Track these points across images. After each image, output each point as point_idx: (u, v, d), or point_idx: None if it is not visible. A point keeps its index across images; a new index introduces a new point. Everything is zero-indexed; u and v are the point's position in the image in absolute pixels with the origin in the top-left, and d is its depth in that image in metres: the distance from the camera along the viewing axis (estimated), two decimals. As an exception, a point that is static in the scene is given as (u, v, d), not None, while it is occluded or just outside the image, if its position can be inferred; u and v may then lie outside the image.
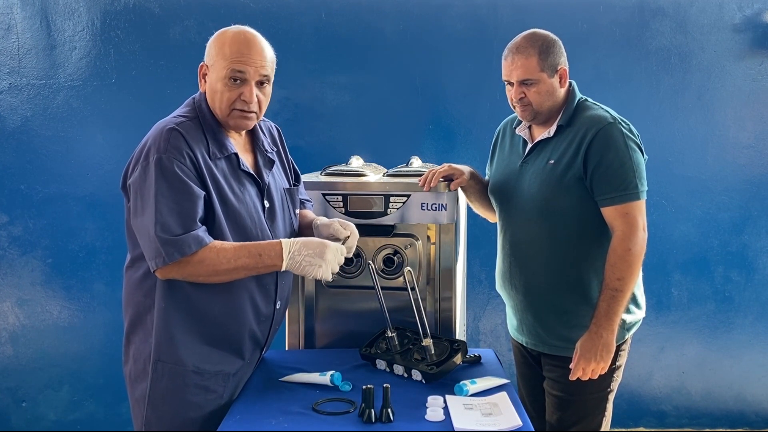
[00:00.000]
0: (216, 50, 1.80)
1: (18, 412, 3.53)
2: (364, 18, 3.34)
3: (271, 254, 1.77)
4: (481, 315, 3.49)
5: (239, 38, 1.80)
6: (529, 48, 2.05)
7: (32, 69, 3.35)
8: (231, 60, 1.78)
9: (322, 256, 1.78)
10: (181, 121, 1.78)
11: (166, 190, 1.69)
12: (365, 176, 2.36)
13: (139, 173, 1.73)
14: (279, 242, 1.78)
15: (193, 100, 1.89)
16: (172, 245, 1.68)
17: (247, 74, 1.79)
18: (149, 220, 1.69)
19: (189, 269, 1.72)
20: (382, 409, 1.70)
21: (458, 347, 2.00)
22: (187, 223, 1.70)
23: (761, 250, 3.47)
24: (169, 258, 1.68)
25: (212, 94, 1.83)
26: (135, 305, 1.85)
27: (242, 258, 1.74)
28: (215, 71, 1.80)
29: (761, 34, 3.33)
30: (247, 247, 1.77)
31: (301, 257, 1.78)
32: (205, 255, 1.71)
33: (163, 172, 1.70)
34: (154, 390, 1.80)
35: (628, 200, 2.01)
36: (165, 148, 1.72)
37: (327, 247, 1.80)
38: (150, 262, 1.72)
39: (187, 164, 1.73)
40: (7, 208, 3.42)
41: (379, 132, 3.38)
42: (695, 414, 3.58)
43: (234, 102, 1.81)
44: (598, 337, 1.99)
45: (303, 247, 1.78)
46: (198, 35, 3.28)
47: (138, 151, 1.78)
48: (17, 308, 3.47)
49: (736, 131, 3.40)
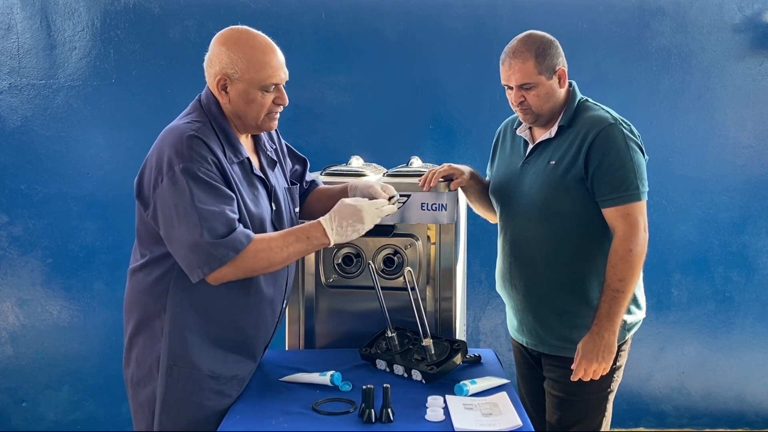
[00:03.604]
0: (245, 63, 1.79)
1: (18, 412, 3.53)
2: (364, 18, 3.34)
3: (317, 234, 1.81)
4: (481, 315, 3.49)
5: (264, 47, 1.82)
6: (525, 52, 2.05)
7: (32, 69, 3.35)
8: (268, 73, 1.80)
9: (362, 219, 1.84)
10: (197, 127, 1.77)
11: (203, 197, 1.70)
12: (365, 176, 2.36)
13: (167, 185, 1.70)
14: (319, 221, 1.83)
15: (200, 103, 1.87)
16: (224, 246, 1.69)
17: (281, 82, 1.84)
18: (192, 228, 1.68)
19: (247, 265, 1.74)
20: (382, 409, 1.70)
21: (458, 347, 2.00)
22: (231, 223, 1.72)
23: (761, 250, 3.47)
24: (224, 259, 1.69)
25: (244, 104, 1.82)
26: (141, 309, 1.84)
27: (292, 244, 1.79)
28: (246, 83, 1.80)
29: (761, 34, 3.33)
30: (294, 232, 1.82)
31: (343, 227, 1.83)
32: (258, 248, 1.74)
33: (194, 180, 1.70)
34: (169, 394, 1.80)
35: (629, 201, 2.01)
36: (190, 156, 1.71)
37: (362, 209, 1.85)
38: (196, 270, 1.71)
39: (213, 170, 1.74)
40: (7, 208, 3.42)
41: (379, 132, 3.38)
42: (695, 414, 3.58)
43: (268, 107, 1.84)
44: (600, 338, 1.99)
45: (340, 217, 1.83)
46: (198, 35, 3.28)
47: (155, 160, 1.75)
48: (17, 308, 3.47)
49: (736, 131, 3.40)
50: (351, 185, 2.11)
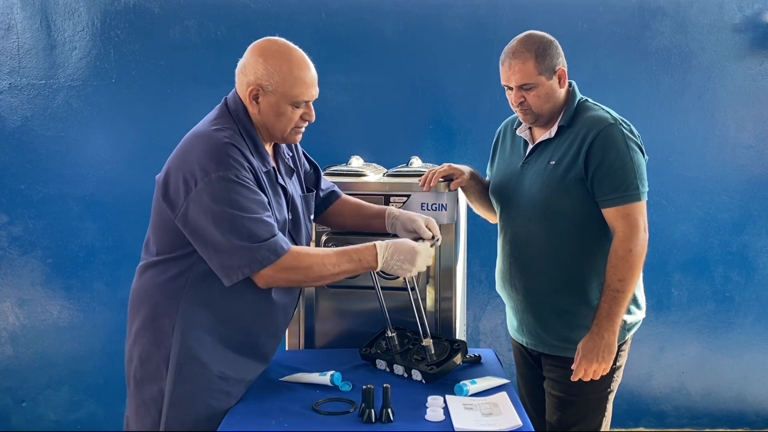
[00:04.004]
0: (280, 77, 1.80)
1: (18, 412, 3.53)
2: (364, 18, 3.34)
3: (368, 258, 1.84)
4: (481, 315, 3.49)
5: (300, 63, 1.84)
6: (525, 52, 2.05)
7: (32, 69, 3.35)
8: (301, 90, 1.82)
9: (413, 262, 1.86)
10: (231, 134, 1.78)
11: (243, 203, 1.71)
12: (365, 176, 2.36)
13: (204, 190, 1.70)
14: (374, 245, 1.85)
15: (228, 109, 1.87)
16: (266, 249, 1.72)
17: (312, 99, 1.87)
18: (233, 233, 1.70)
19: (298, 276, 1.79)
20: (382, 409, 1.70)
21: (458, 347, 2.00)
22: (272, 229, 1.75)
23: (761, 250, 3.47)
24: (265, 262, 1.72)
25: (274, 116, 1.84)
26: (150, 306, 1.84)
27: (344, 264, 1.83)
28: (278, 96, 1.82)
29: (761, 34, 3.33)
30: (347, 252, 1.84)
31: (394, 261, 1.85)
32: (312, 262, 1.80)
33: (234, 186, 1.71)
34: (177, 393, 1.80)
35: (629, 201, 2.01)
36: (228, 163, 1.72)
37: (418, 254, 1.87)
38: (236, 271, 1.72)
39: (250, 177, 1.76)
40: (7, 208, 3.41)
41: (379, 132, 3.38)
42: (695, 414, 3.58)
43: (296, 122, 1.87)
44: (600, 338, 1.99)
45: (396, 251, 1.86)
46: (198, 35, 3.28)
47: (186, 165, 1.75)
48: (17, 308, 3.47)
49: (736, 131, 3.40)
50: (390, 212, 2.12)
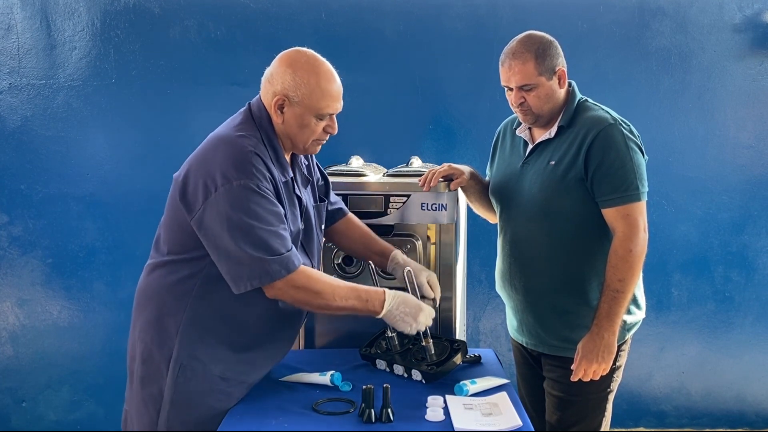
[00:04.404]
0: (307, 89, 1.81)
1: (18, 412, 3.53)
2: (364, 18, 3.34)
3: (375, 302, 1.85)
4: (481, 315, 3.49)
5: (328, 76, 1.85)
6: (525, 53, 2.05)
7: (32, 69, 3.35)
8: (327, 103, 1.84)
9: (416, 318, 1.87)
10: (255, 143, 1.79)
11: (262, 214, 1.72)
12: (365, 176, 2.37)
13: (223, 197, 1.71)
14: (384, 291, 1.86)
15: (252, 116, 1.87)
16: (278, 264, 1.72)
17: (336, 112, 1.88)
18: (247, 243, 1.70)
19: (305, 297, 1.79)
20: (382, 409, 1.70)
21: (458, 347, 2.00)
22: (286, 243, 1.76)
23: (761, 250, 3.47)
24: (275, 275, 1.73)
25: (297, 127, 1.85)
26: (157, 305, 1.84)
27: (352, 299, 1.83)
28: (304, 108, 1.82)
29: (761, 34, 3.33)
30: (357, 289, 1.85)
31: (398, 311, 1.86)
32: (323, 288, 1.80)
33: (254, 197, 1.72)
34: (178, 393, 1.81)
35: (629, 201, 2.01)
36: (250, 172, 1.72)
37: (422, 311, 1.88)
38: (244, 282, 1.73)
39: (270, 188, 1.76)
40: (7, 208, 3.41)
41: (379, 132, 3.37)
42: (695, 414, 3.58)
43: (318, 134, 1.87)
44: (600, 338, 1.99)
45: (402, 303, 1.87)
46: (198, 35, 3.27)
47: (207, 168, 1.75)
48: (17, 308, 3.47)
49: (736, 131, 3.40)
50: (395, 258, 2.10)
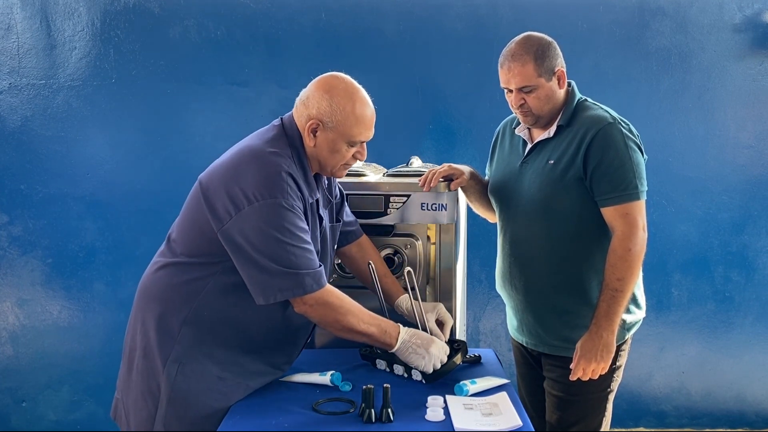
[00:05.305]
0: (342, 116, 1.83)
1: (18, 412, 3.53)
2: (364, 18, 3.34)
3: (392, 334, 1.89)
4: (481, 315, 3.49)
5: (363, 104, 1.87)
6: (524, 55, 2.04)
7: (32, 69, 3.35)
8: (360, 130, 1.86)
9: (428, 349, 1.89)
10: (288, 163, 1.81)
11: (293, 231, 1.75)
12: (365, 176, 2.36)
13: (255, 213, 1.72)
14: (398, 326, 1.90)
15: (285, 134, 1.87)
16: (311, 277, 1.77)
17: (367, 139, 1.91)
18: (279, 258, 1.73)
19: (333, 314, 1.82)
20: (382, 409, 1.70)
21: (458, 347, 2.00)
22: (316, 260, 1.80)
23: (761, 250, 3.47)
24: (308, 288, 1.76)
25: (328, 152, 1.87)
26: (162, 304, 1.85)
27: (373, 327, 1.86)
28: (337, 134, 1.84)
29: (761, 34, 3.33)
30: (378, 319, 1.89)
31: (411, 344, 1.89)
32: (351, 310, 1.84)
33: (285, 214, 1.74)
34: (177, 390, 1.81)
35: (628, 200, 2.01)
36: (284, 190, 1.75)
37: (434, 343, 1.91)
38: (275, 293, 1.75)
39: (300, 207, 1.79)
40: (7, 208, 3.42)
41: (379, 132, 3.36)
42: (695, 414, 3.58)
43: (348, 159, 1.90)
44: (599, 338, 1.99)
45: (415, 334, 1.91)
46: (198, 35, 3.27)
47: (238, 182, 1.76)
48: (17, 308, 3.48)
49: (736, 131, 3.40)
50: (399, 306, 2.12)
